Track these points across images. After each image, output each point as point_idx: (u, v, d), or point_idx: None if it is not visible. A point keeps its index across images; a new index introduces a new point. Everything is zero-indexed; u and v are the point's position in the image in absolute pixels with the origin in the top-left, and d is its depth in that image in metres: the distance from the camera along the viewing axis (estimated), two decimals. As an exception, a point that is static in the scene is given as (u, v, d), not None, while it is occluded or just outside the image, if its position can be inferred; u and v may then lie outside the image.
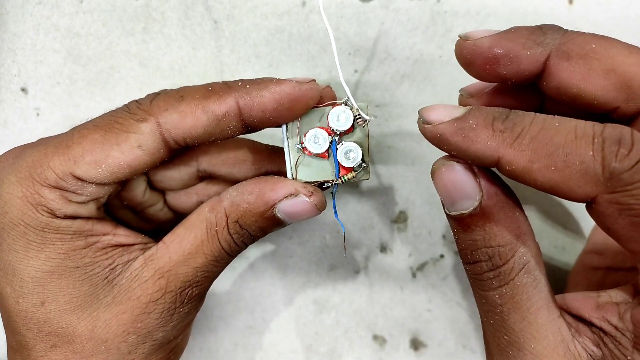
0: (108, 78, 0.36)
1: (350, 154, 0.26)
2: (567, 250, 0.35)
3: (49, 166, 0.24)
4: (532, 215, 0.35)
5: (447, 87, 0.35)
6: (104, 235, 0.26)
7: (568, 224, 0.34)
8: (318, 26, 0.35)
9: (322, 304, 0.37)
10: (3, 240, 0.24)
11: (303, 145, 0.26)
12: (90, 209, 0.25)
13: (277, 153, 0.29)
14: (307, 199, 0.25)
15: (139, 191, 0.29)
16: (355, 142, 0.26)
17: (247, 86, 0.24)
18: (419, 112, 0.22)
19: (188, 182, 0.30)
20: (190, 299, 0.26)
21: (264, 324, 0.37)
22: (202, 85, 0.25)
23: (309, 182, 0.26)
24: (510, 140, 0.20)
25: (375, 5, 0.34)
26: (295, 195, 0.25)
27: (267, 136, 0.31)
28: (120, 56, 0.36)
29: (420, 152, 0.35)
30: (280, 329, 0.37)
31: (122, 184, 0.27)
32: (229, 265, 0.37)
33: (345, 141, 0.26)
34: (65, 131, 0.26)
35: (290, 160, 0.27)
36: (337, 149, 0.26)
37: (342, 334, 0.37)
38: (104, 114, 0.25)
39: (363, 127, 0.26)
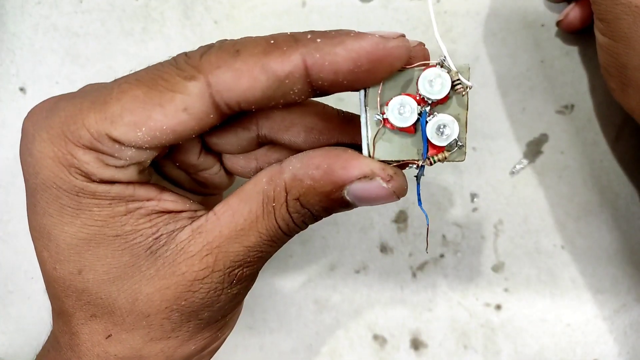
0: (107, 78, 0.36)
1: (444, 129, 0.21)
2: (566, 250, 0.35)
3: (83, 124, 0.21)
4: (531, 215, 0.35)
5: (447, 87, 0.35)
6: (147, 200, 0.23)
7: (567, 224, 0.35)
8: (318, 26, 0.35)
9: (322, 303, 0.37)
10: (37, 202, 0.22)
11: (384, 117, 0.21)
12: (130, 174, 0.22)
13: (351, 122, 0.25)
14: (384, 184, 0.21)
15: (193, 154, 0.26)
16: (450, 114, 0.21)
17: (318, 40, 0.20)
18: None
19: (247, 147, 0.26)
20: (240, 280, 0.23)
21: (264, 324, 0.37)
22: (264, 38, 0.21)
23: (388, 162, 0.22)
24: None
25: (374, 5, 0.35)
26: (371, 178, 0.21)
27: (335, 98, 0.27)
28: (119, 56, 0.36)
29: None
30: (280, 329, 0.37)
31: (168, 148, 0.24)
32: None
33: (437, 113, 0.21)
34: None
35: (367, 133, 0.22)
36: (426, 122, 0.21)
37: (342, 334, 0.37)
38: (150, 67, 0.22)
39: (463, 95, 0.21)
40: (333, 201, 0.22)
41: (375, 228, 0.36)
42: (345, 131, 0.25)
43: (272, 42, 0.20)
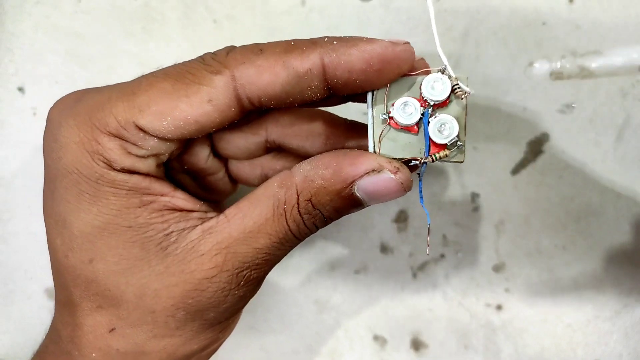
0: (107, 78, 0.36)
1: (444, 127, 0.22)
2: (567, 250, 0.35)
3: (111, 112, 0.22)
4: (532, 215, 0.35)
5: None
6: (161, 195, 0.24)
7: (568, 224, 0.34)
8: (318, 25, 0.35)
9: (322, 304, 0.37)
10: (56, 188, 0.23)
11: (390, 115, 0.23)
12: (149, 165, 0.23)
13: (356, 129, 0.27)
14: (392, 175, 0.22)
15: (202, 156, 0.27)
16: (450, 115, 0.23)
17: (335, 43, 0.22)
18: None
19: (254, 152, 0.28)
20: (247, 282, 0.24)
21: (266, 325, 0.37)
22: (285, 41, 0.23)
23: (393, 159, 0.23)
24: None
25: (375, 5, 0.34)
26: (379, 172, 0.22)
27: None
28: (119, 56, 0.36)
29: (421, 152, 0.35)
30: (281, 330, 0.37)
31: (186, 142, 0.25)
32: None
33: (438, 114, 0.23)
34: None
35: (373, 131, 0.23)
36: (429, 122, 0.23)
37: (342, 334, 0.37)
38: (176, 64, 0.23)
39: (462, 99, 0.23)
40: (344, 199, 0.22)
41: (375, 228, 0.36)
42: (351, 137, 0.26)
43: (292, 43, 0.22)
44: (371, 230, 0.36)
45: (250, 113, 0.24)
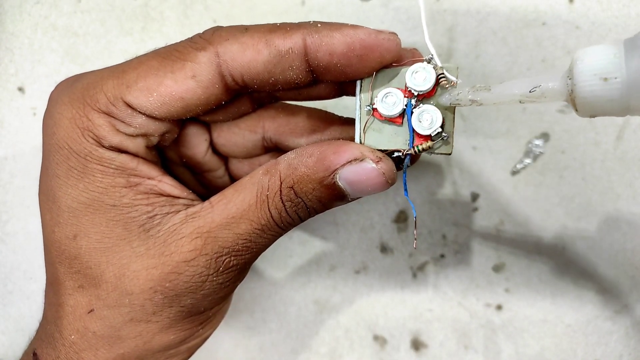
0: (106, 78, 0.36)
1: (426, 117, 0.22)
2: (567, 250, 0.35)
3: (101, 89, 0.23)
4: (532, 215, 0.35)
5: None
6: (148, 178, 0.24)
7: (568, 224, 0.34)
8: (318, 25, 0.35)
9: (322, 304, 0.37)
10: (49, 163, 0.23)
11: (374, 107, 0.23)
12: (137, 145, 0.23)
13: (351, 124, 0.27)
14: (373, 164, 0.22)
15: (200, 150, 0.27)
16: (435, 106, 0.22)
17: (319, 25, 0.22)
18: None
19: (252, 150, 0.28)
20: (226, 268, 0.23)
21: (264, 325, 0.37)
22: (273, 23, 0.23)
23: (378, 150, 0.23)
24: None
25: (375, 4, 0.34)
26: (361, 160, 0.22)
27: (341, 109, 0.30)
28: (118, 55, 0.36)
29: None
30: (280, 330, 0.37)
31: (179, 127, 0.25)
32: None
33: (423, 104, 0.22)
34: None
35: (359, 122, 0.23)
36: (412, 112, 0.22)
37: (342, 334, 0.37)
38: (169, 44, 0.24)
39: (447, 88, 0.22)
40: (326, 188, 0.22)
41: (375, 228, 0.36)
42: (345, 131, 0.26)
43: (278, 24, 0.23)
44: (371, 230, 0.36)
45: (238, 95, 0.24)
